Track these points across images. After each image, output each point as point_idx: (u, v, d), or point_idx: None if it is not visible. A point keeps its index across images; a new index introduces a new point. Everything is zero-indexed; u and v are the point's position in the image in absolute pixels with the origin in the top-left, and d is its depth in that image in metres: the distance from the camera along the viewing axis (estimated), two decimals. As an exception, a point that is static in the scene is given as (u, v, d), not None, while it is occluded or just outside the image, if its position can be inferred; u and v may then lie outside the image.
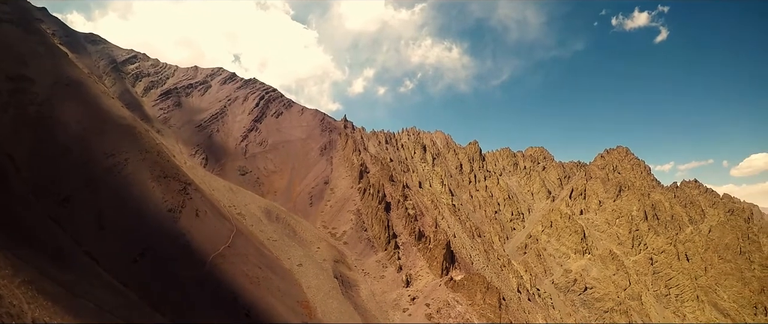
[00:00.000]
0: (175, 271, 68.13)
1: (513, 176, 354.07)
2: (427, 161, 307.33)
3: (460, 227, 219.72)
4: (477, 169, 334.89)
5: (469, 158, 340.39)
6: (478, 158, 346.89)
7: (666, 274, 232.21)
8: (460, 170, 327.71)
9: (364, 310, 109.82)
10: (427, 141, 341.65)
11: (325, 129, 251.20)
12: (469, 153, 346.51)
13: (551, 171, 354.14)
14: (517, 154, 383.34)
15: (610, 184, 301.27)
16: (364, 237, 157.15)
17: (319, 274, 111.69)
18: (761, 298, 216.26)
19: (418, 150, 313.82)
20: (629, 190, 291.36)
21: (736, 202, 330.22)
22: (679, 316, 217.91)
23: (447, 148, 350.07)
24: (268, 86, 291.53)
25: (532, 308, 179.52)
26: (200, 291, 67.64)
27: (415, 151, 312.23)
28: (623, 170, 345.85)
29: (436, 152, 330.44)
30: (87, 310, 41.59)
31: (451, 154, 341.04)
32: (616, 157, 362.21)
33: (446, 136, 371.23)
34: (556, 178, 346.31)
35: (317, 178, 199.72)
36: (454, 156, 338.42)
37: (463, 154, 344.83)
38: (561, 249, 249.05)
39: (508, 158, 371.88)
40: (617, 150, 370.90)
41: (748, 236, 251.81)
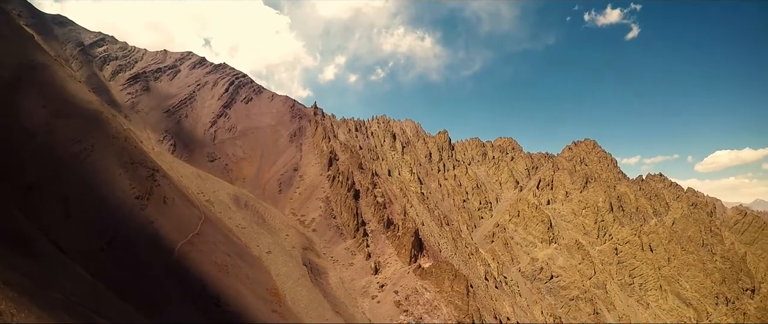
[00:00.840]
0: (143, 259, 67.88)
1: (482, 166, 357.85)
2: (396, 149, 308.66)
3: (429, 215, 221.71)
4: (446, 158, 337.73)
5: (439, 147, 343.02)
6: (448, 147, 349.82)
7: (630, 264, 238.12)
8: (430, 159, 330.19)
9: (333, 297, 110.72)
10: (397, 129, 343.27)
11: (295, 116, 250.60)
12: (439, 142, 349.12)
13: (519, 161, 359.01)
14: (486, 144, 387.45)
15: (577, 175, 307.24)
16: (333, 224, 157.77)
17: (288, 261, 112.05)
18: (722, 289, 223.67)
19: (387, 138, 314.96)
20: (596, 182, 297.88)
21: (700, 196, 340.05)
22: (643, 305, 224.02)
23: (417, 137, 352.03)
24: (238, 72, 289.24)
25: (499, 296, 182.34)
26: (169, 279, 67.50)
27: (384, 139, 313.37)
28: (590, 162, 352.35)
29: (405, 141, 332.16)
30: (54, 301, 41.45)
31: (421, 142, 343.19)
32: (584, 149, 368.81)
33: (416, 125, 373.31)
34: (524, 168, 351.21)
35: (286, 165, 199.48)
36: (423, 145, 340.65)
37: (433, 143, 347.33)
38: (528, 238, 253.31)
39: (477, 148, 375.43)
40: (585, 143, 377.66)
41: (710, 229, 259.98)
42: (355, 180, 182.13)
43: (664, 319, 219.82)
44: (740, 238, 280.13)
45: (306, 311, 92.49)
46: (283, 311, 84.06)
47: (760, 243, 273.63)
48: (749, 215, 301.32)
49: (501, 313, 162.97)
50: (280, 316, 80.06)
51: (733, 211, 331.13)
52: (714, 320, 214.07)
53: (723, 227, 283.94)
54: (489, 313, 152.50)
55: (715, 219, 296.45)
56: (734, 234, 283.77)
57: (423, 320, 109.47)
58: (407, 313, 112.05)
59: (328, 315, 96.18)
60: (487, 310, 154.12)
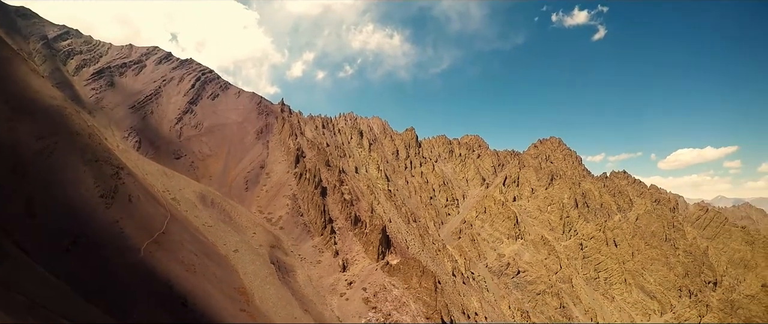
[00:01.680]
0: (108, 259, 67.29)
1: (448, 163, 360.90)
2: (363, 147, 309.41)
3: (396, 212, 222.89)
4: (413, 155, 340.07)
5: (406, 144, 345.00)
6: (415, 145, 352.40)
7: (595, 259, 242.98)
8: (397, 156, 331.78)
9: (301, 295, 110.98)
10: (364, 126, 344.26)
11: (262, 112, 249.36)
12: (406, 139, 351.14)
13: (486, 159, 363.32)
14: (452, 141, 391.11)
15: (542, 172, 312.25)
16: (300, 222, 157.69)
17: (256, 259, 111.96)
18: (685, 282, 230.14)
19: (355, 135, 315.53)
20: (561, 179, 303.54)
21: (663, 193, 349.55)
22: (608, 298, 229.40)
23: (384, 134, 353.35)
24: (204, 67, 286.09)
25: (466, 291, 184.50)
26: (135, 280, 67.03)
27: (351, 137, 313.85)
28: (556, 160, 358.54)
29: (372, 138, 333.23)
30: (19, 304, 41.23)
31: (388, 140, 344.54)
32: (549, 147, 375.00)
33: (383, 122, 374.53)
34: (491, 165, 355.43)
35: (253, 163, 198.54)
36: (390, 142, 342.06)
37: (400, 140, 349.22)
38: (494, 234, 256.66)
39: (444, 145, 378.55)
40: (550, 140, 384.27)
41: (673, 225, 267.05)
42: (322, 177, 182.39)
43: (629, 312, 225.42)
44: (702, 233, 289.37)
45: (274, 310, 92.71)
46: (252, 310, 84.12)
47: (721, 238, 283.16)
48: (711, 211, 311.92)
49: (469, 309, 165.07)
50: (248, 315, 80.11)
51: (695, 207, 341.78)
52: (677, 312, 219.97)
53: (685, 223, 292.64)
54: (457, 309, 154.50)
55: (678, 215, 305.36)
56: (696, 229, 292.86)
57: (391, 317, 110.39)
58: (376, 309, 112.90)
59: (297, 313, 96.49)
60: (455, 306, 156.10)
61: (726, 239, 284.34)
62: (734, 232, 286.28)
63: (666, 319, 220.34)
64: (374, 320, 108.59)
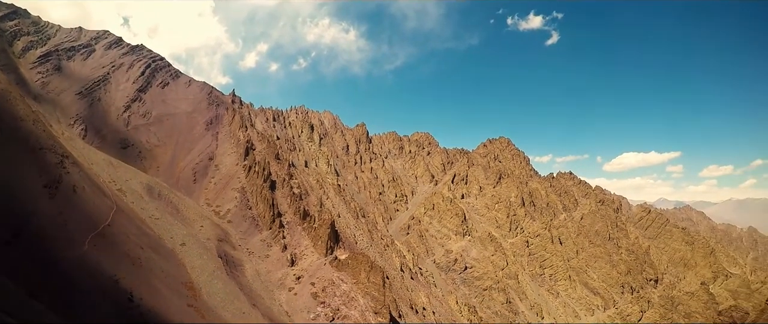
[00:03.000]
0: (51, 253, 65.97)
1: (398, 159, 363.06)
2: (314, 141, 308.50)
3: (345, 207, 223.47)
4: (363, 150, 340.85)
5: (356, 140, 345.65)
6: (365, 140, 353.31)
7: (541, 256, 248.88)
8: (347, 151, 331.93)
9: (249, 290, 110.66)
10: (315, 120, 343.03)
11: (212, 103, 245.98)
12: (357, 135, 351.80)
13: (435, 156, 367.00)
14: (403, 138, 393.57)
15: (491, 171, 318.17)
16: (248, 215, 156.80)
17: (203, 253, 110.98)
18: (627, 279, 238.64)
19: (305, 129, 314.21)
20: (509, 178, 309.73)
21: (607, 194, 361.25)
22: (553, 294, 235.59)
23: (335, 129, 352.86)
24: (155, 54, 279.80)
25: (414, 286, 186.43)
26: (79, 274, 65.77)
27: (302, 130, 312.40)
28: (504, 159, 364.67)
29: (323, 132, 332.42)
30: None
31: (339, 134, 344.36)
32: (498, 146, 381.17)
33: (334, 117, 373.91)
34: (440, 163, 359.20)
35: (202, 154, 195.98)
36: (341, 137, 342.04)
37: (351, 135, 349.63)
38: (442, 230, 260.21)
39: (394, 142, 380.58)
40: (499, 140, 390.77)
41: (616, 224, 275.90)
42: (271, 170, 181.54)
43: (574, 307, 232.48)
44: (644, 233, 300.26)
45: (222, 305, 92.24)
46: (199, 305, 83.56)
47: (662, 238, 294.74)
48: (653, 212, 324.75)
49: (417, 304, 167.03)
50: (195, 311, 79.56)
51: (638, 208, 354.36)
52: (620, 307, 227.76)
53: (628, 223, 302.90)
54: (405, 304, 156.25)
55: (621, 215, 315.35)
56: (639, 229, 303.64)
57: (340, 312, 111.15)
58: (324, 304, 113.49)
59: (245, 308, 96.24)
60: (403, 301, 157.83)
61: (667, 239, 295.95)
62: (675, 232, 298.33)
63: (609, 314, 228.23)
64: (323, 315, 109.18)
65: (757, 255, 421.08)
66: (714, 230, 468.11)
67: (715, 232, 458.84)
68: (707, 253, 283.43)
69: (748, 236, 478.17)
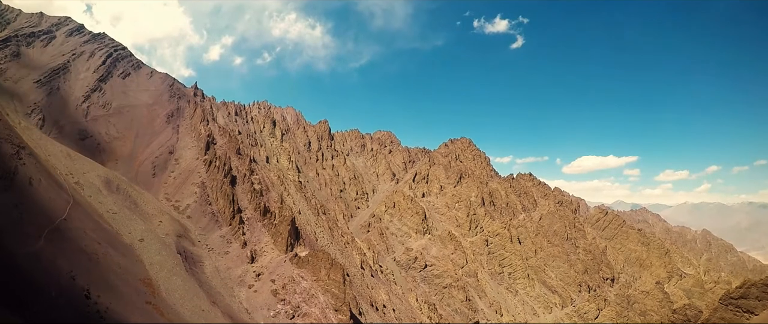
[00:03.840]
0: (5, 248, 64.68)
1: (360, 157, 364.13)
2: (275, 136, 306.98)
3: (306, 204, 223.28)
4: (325, 147, 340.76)
5: (318, 136, 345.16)
6: (327, 137, 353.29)
7: (500, 255, 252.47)
8: (309, 148, 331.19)
9: (209, 286, 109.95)
10: (278, 116, 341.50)
11: (174, 95, 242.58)
12: (319, 131, 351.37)
13: (397, 155, 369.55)
14: (365, 136, 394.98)
15: (451, 171, 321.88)
16: (208, 211, 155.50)
17: (162, 249, 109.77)
18: (585, 278, 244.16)
19: (267, 124, 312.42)
20: (469, 178, 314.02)
21: (566, 196, 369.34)
22: (512, 292, 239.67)
23: (297, 125, 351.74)
24: (117, 43, 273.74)
25: (375, 284, 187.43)
26: (34, 270, 64.59)
27: (264, 126, 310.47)
28: (465, 159, 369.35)
29: (285, 128, 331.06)
30: None
31: (301, 131, 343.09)
32: (460, 146, 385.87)
33: (297, 113, 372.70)
34: (402, 161, 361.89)
35: (162, 147, 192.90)
36: (303, 133, 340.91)
37: (313, 131, 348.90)
38: (403, 228, 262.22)
39: (356, 139, 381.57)
40: (461, 140, 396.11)
41: (574, 225, 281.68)
42: (232, 166, 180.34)
43: (532, 305, 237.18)
44: (601, 234, 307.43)
45: (181, 302, 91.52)
46: (158, 303, 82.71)
47: (618, 238, 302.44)
48: (610, 214, 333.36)
49: (377, 301, 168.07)
50: (154, 308, 78.73)
51: (595, 210, 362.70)
52: (577, 305, 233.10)
53: (586, 224, 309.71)
54: (365, 301, 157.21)
55: (579, 216, 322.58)
56: (596, 230, 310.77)
57: (300, 309, 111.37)
58: (284, 302, 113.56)
59: (204, 305, 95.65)
60: (364, 298, 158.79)
61: (623, 240, 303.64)
62: (631, 233, 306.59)
63: (567, 312, 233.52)
64: (283, 312, 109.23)
65: (710, 256, 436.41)
66: (669, 232, 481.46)
67: (670, 233, 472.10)
68: (662, 253, 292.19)
69: (702, 238, 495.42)
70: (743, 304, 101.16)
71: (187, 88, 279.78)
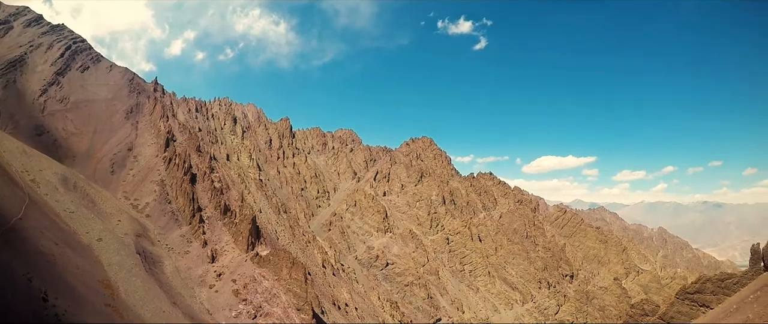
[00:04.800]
0: (-41, 249, 63.34)
1: (321, 155, 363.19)
2: (236, 134, 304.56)
3: (267, 203, 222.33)
4: (286, 145, 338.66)
5: (280, 134, 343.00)
6: (289, 135, 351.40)
7: (461, 253, 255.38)
8: (270, 145, 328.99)
9: (169, 287, 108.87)
10: (239, 113, 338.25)
11: (134, 90, 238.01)
12: (280, 129, 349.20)
13: (358, 153, 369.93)
14: (327, 134, 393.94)
15: (413, 170, 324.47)
16: (167, 210, 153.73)
17: (121, 249, 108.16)
18: (544, 275, 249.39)
19: (228, 121, 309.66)
20: (430, 177, 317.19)
21: (525, 195, 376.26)
22: (473, 289, 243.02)
23: (258, 122, 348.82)
24: (77, 35, 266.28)
25: (336, 283, 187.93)
26: (-10, 272, 63.39)
27: (225, 123, 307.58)
28: (426, 158, 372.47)
29: (246, 125, 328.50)
30: None
31: (262, 128, 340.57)
32: (421, 145, 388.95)
33: (258, 110, 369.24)
34: (363, 160, 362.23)
35: (120, 144, 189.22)
36: (264, 131, 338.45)
37: (274, 129, 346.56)
38: (364, 227, 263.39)
39: (317, 137, 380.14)
40: (422, 140, 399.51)
41: (533, 223, 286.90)
42: (192, 163, 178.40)
43: (493, 302, 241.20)
44: (560, 232, 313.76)
45: (141, 303, 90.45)
46: (117, 305, 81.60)
47: (577, 236, 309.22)
48: (568, 213, 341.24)
49: (339, 300, 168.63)
50: (113, 310, 77.60)
51: (554, 208, 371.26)
52: (538, 301, 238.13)
53: (545, 222, 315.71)
54: (327, 300, 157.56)
55: (539, 215, 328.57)
56: (555, 228, 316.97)
57: (262, 309, 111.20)
58: (246, 302, 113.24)
59: (165, 307, 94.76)
60: (326, 297, 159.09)
61: (582, 238, 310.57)
62: (589, 232, 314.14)
63: (527, 308, 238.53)
64: (245, 313, 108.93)
65: (666, 253, 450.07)
66: (626, 230, 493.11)
67: (627, 231, 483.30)
68: (620, 250, 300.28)
69: (658, 236, 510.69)
70: (699, 299, 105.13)
71: (148, 83, 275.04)
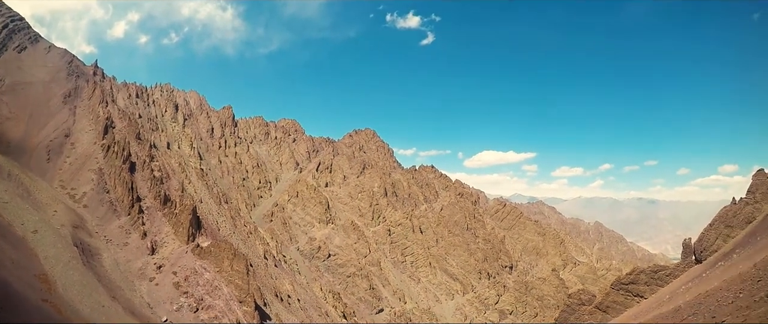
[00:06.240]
0: None
1: (263, 145, 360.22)
2: (178, 121, 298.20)
3: (208, 193, 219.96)
4: (228, 134, 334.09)
5: (222, 123, 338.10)
6: (231, 124, 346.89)
7: (402, 244, 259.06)
8: (211, 134, 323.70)
9: (108, 280, 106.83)
10: (181, 100, 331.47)
11: (73, 73, 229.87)
12: (222, 117, 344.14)
13: (301, 144, 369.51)
14: (269, 123, 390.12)
15: (355, 161, 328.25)
16: (106, 199, 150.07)
17: (58, 242, 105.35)
18: (484, 266, 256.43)
19: (169, 108, 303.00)
20: (372, 169, 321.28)
21: (466, 188, 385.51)
22: (415, 280, 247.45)
23: (200, 110, 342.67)
24: (15, 13, 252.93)
25: (279, 274, 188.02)
26: None
27: (166, 110, 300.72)
28: (369, 150, 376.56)
29: (188, 113, 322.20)
30: None
31: (204, 116, 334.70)
32: (364, 137, 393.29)
33: (201, 97, 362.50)
34: (305, 151, 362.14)
35: (57, 130, 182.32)
36: (206, 119, 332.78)
37: (216, 117, 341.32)
38: (306, 218, 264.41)
39: (260, 127, 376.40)
40: (365, 131, 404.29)
41: (474, 216, 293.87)
42: (131, 151, 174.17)
43: (435, 292, 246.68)
44: (500, 225, 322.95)
45: (80, 298, 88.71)
46: (54, 300, 79.99)
47: (516, 229, 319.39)
48: (508, 206, 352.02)
49: (281, 291, 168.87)
50: (51, 306, 75.95)
51: (494, 202, 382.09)
52: (478, 292, 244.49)
53: (485, 215, 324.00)
54: (270, 292, 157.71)
55: (479, 208, 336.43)
56: (495, 221, 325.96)
57: (204, 301, 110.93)
58: (187, 294, 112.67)
59: (104, 301, 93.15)
60: (268, 289, 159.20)
61: (521, 230, 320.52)
62: (528, 224, 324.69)
63: (468, 298, 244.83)
64: (186, 305, 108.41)
65: (602, 246, 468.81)
66: (564, 223, 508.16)
67: (564, 225, 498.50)
68: (557, 243, 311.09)
69: (595, 229, 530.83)
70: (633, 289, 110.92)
71: (87, 66, 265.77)
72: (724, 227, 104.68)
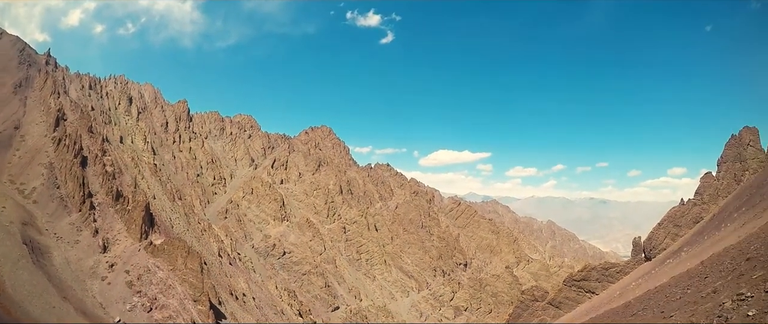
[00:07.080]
0: None
1: (218, 140, 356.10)
2: (131, 115, 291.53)
3: (161, 189, 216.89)
4: (183, 129, 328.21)
5: (177, 117, 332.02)
6: (186, 118, 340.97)
7: (358, 242, 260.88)
8: (166, 128, 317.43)
9: (59, 280, 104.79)
10: (135, 93, 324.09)
11: (24, 62, 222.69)
12: (177, 112, 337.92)
13: (256, 140, 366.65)
14: (225, 119, 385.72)
15: (311, 158, 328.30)
16: (56, 195, 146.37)
17: (6, 239, 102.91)
18: (439, 263, 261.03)
19: (123, 101, 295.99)
20: (328, 166, 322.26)
21: (421, 186, 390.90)
22: (370, 277, 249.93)
23: (154, 103, 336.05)
24: None
25: (233, 272, 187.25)
26: None
27: (120, 102, 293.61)
28: (324, 147, 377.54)
29: (142, 106, 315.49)
30: None
31: (158, 110, 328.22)
32: (320, 134, 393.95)
33: (156, 90, 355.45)
34: (261, 147, 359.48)
35: (6, 122, 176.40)
36: (161, 112, 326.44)
37: (171, 111, 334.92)
38: (261, 215, 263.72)
39: (215, 122, 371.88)
40: (321, 129, 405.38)
41: (429, 214, 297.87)
42: (83, 145, 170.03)
43: (390, 290, 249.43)
44: (455, 223, 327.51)
45: (29, 299, 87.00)
46: (4, 300, 78.41)
47: (470, 227, 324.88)
48: (462, 204, 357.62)
49: (236, 290, 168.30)
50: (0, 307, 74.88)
51: (449, 200, 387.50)
52: (433, 289, 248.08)
53: (440, 213, 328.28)
54: (224, 290, 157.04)
55: (434, 206, 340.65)
56: (449, 219, 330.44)
57: (157, 301, 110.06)
58: (141, 294, 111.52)
59: (55, 301, 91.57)
60: (223, 287, 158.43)
61: (475, 228, 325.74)
62: (482, 223, 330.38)
63: (423, 295, 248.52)
64: (140, 305, 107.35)
65: (554, 244, 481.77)
66: (517, 222, 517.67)
67: (518, 223, 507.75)
68: (511, 241, 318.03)
69: (547, 228, 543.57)
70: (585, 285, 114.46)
71: (40, 55, 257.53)
72: (673, 227, 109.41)
